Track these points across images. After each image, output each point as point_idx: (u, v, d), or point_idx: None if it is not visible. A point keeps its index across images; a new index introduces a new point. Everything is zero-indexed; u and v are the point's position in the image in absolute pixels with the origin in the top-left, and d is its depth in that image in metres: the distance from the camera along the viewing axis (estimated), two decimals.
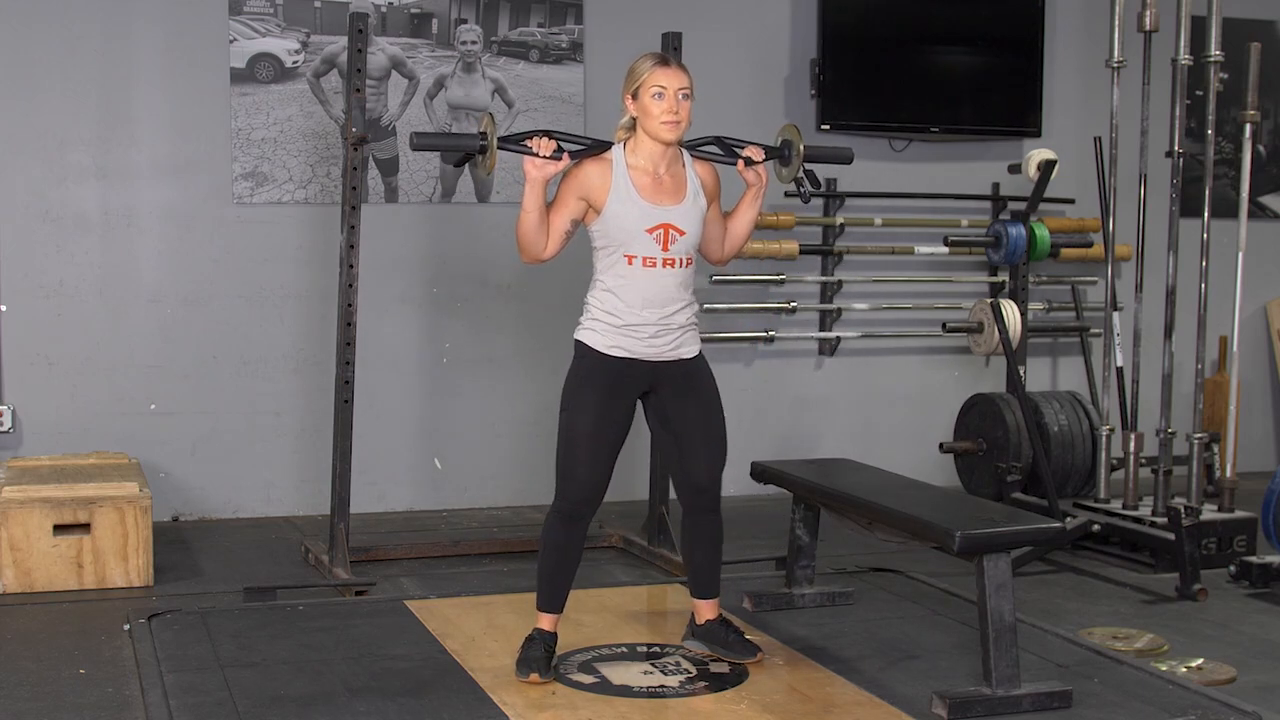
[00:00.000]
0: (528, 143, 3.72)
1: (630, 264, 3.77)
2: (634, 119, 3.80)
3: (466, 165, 3.86)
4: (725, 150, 3.97)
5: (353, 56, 5.12)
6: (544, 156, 3.70)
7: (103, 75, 5.97)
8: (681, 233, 3.79)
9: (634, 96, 3.77)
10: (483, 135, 3.76)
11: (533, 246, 3.76)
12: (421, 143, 3.86)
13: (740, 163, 3.93)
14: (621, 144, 3.83)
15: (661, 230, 3.77)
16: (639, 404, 3.91)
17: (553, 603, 3.88)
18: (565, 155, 3.73)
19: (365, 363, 5.90)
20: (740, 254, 4.16)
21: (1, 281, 5.91)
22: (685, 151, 3.90)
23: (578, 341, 3.86)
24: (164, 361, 6.10)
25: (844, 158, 4.21)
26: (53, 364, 5.97)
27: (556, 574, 3.87)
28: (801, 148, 4.00)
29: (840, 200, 6.86)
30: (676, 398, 3.88)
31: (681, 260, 3.81)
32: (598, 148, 3.83)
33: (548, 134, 3.75)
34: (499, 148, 3.77)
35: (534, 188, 3.71)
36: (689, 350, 3.89)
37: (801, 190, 4.05)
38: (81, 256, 5.99)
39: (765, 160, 3.96)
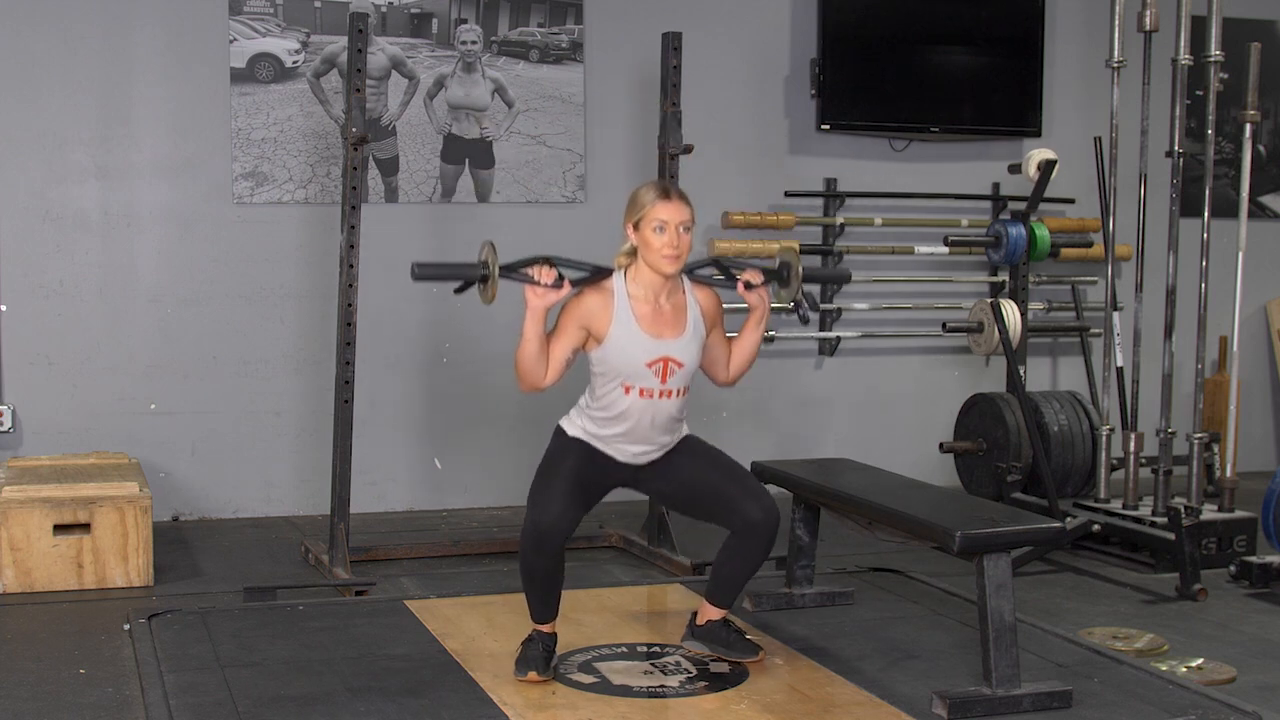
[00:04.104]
0: (529, 271, 3.69)
1: (628, 394, 3.77)
2: (634, 247, 3.78)
3: (470, 289, 3.84)
4: (724, 274, 3.95)
5: (353, 56, 5.12)
6: (545, 285, 3.67)
7: (103, 75, 5.98)
8: (680, 365, 3.79)
9: (635, 227, 3.75)
10: (484, 264, 3.73)
11: (531, 375, 3.74)
12: (423, 273, 3.81)
13: (740, 285, 3.91)
14: (622, 271, 3.81)
15: (661, 363, 3.76)
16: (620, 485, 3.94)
17: (545, 615, 3.86)
18: (566, 283, 3.71)
19: (365, 363, 5.90)
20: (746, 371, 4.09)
21: (1, 281, 5.91)
22: (685, 278, 3.88)
23: (559, 427, 3.88)
24: (164, 361, 6.10)
25: (842, 277, 4.19)
26: (53, 364, 5.97)
27: (543, 594, 3.83)
28: (800, 269, 3.98)
29: (840, 200, 6.86)
30: (669, 466, 3.90)
31: (678, 391, 3.81)
32: (599, 275, 3.80)
33: (549, 261, 3.71)
34: (500, 276, 3.73)
35: (534, 316, 3.68)
36: (674, 443, 3.92)
37: (800, 311, 4.04)
38: (81, 256, 5.99)
39: (764, 283, 3.93)
